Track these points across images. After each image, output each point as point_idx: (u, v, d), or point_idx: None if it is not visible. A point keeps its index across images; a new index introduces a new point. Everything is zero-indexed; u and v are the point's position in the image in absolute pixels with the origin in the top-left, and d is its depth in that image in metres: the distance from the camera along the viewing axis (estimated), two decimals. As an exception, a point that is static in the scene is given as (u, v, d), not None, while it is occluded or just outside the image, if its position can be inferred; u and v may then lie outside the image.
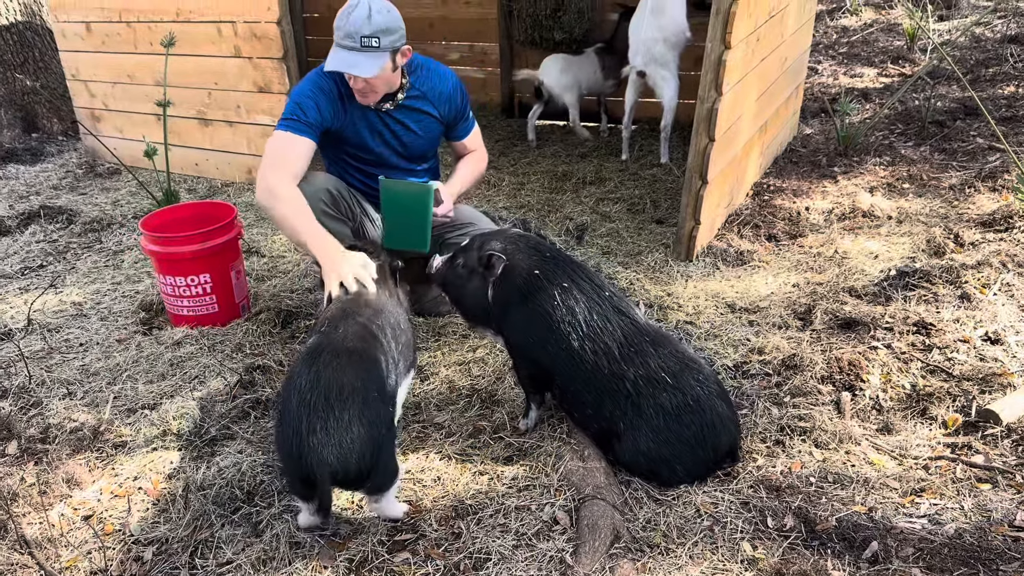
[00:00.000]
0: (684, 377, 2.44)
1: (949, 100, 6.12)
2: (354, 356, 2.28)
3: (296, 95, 3.04)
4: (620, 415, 2.44)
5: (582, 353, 2.45)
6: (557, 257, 2.61)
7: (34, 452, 2.77)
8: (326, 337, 2.36)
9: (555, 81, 5.78)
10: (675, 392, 2.41)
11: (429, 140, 3.28)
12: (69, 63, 6.16)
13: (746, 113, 4.16)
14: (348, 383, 2.18)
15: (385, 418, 2.23)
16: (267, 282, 4.03)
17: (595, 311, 2.49)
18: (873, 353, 3.01)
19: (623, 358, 2.45)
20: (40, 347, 3.49)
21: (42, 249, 4.63)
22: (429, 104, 3.20)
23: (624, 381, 2.44)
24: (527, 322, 2.56)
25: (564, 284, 2.52)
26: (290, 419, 2.15)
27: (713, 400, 2.43)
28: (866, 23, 8.90)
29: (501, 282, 2.59)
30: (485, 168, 3.49)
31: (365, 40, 2.83)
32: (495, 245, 2.61)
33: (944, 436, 2.61)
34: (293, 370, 2.33)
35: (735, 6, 3.50)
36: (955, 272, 3.48)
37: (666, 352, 2.48)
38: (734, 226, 4.29)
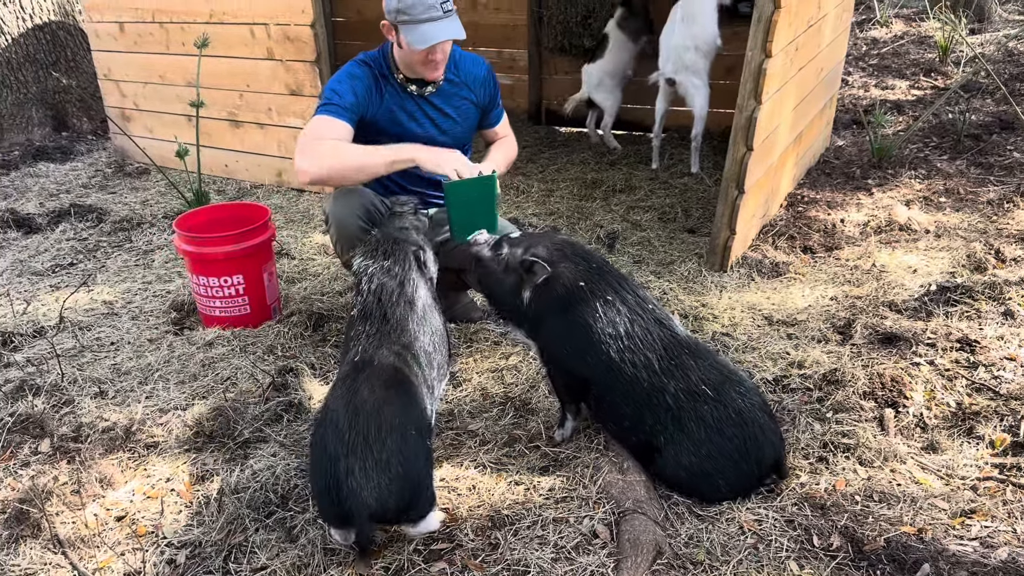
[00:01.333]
0: (725, 389, 2.39)
1: (984, 114, 6.04)
2: (392, 390, 2.25)
3: (331, 84, 3.03)
4: (660, 428, 2.39)
5: (621, 365, 2.41)
6: (603, 268, 2.57)
7: (67, 451, 2.76)
8: (363, 368, 2.31)
9: (596, 90, 5.84)
10: (716, 405, 2.36)
11: (468, 127, 3.26)
12: (101, 63, 6.19)
13: (783, 123, 4.11)
14: (386, 421, 2.14)
15: (423, 453, 2.21)
16: (298, 284, 4.01)
17: (636, 323, 2.44)
18: (916, 369, 2.95)
19: (663, 371, 2.40)
20: (72, 345, 3.49)
21: (72, 247, 4.64)
22: (467, 89, 3.19)
23: (664, 394, 2.39)
24: (567, 333, 2.52)
25: (608, 296, 2.47)
26: (327, 458, 2.11)
27: (755, 413, 2.38)
28: (896, 35, 8.81)
29: (542, 289, 2.54)
30: (515, 155, 3.43)
31: (446, 6, 2.87)
32: (540, 251, 2.56)
33: (992, 456, 2.55)
34: (329, 401, 2.29)
35: (777, 15, 3.46)
36: (998, 288, 3.41)
37: (706, 364, 2.44)
38: (769, 237, 4.23)
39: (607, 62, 5.77)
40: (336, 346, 3.38)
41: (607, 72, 5.78)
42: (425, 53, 2.90)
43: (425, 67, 2.99)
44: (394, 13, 2.88)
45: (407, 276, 2.61)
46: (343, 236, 3.08)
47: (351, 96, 2.97)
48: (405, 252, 2.65)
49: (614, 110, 5.91)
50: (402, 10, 2.85)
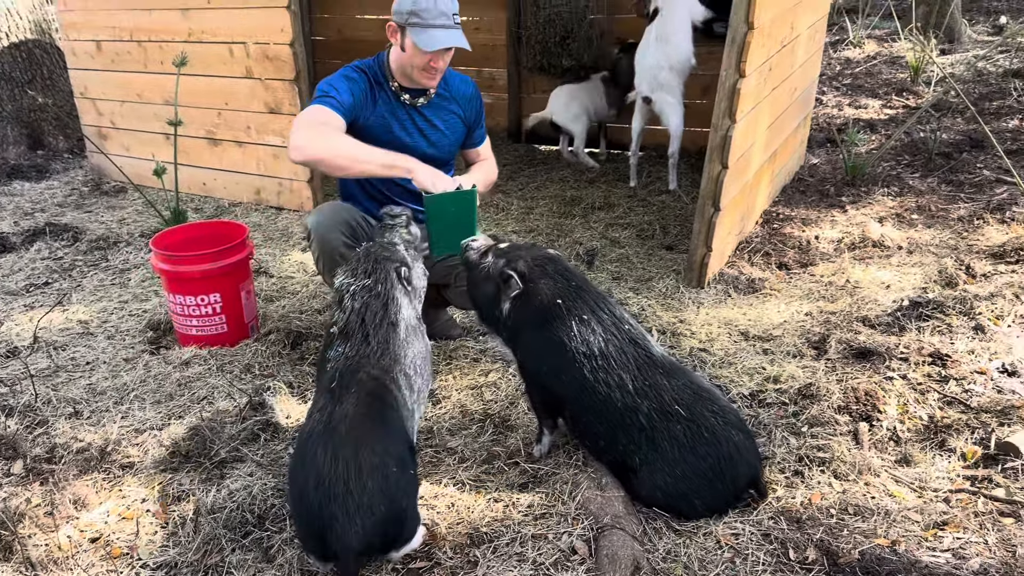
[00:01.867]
0: (698, 409, 2.39)
1: (954, 132, 6.15)
2: (370, 425, 2.19)
3: (326, 83, 3.03)
4: (635, 449, 2.40)
5: (595, 384, 2.42)
6: (582, 287, 2.58)
7: (40, 472, 2.72)
8: (340, 398, 2.25)
9: (562, 113, 5.90)
10: (689, 424, 2.37)
11: (454, 141, 3.30)
12: (78, 81, 6.17)
13: (758, 141, 4.17)
14: (367, 462, 2.09)
15: (406, 487, 2.17)
16: (276, 302, 4.00)
17: (611, 343, 2.45)
18: (889, 383, 2.99)
19: (636, 391, 2.41)
20: (46, 365, 3.46)
21: (47, 266, 4.60)
22: (456, 104, 3.25)
23: (638, 414, 2.39)
24: (542, 349, 2.53)
25: (584, 315, 2.48)
26: (309, 502, 2.08)
27: (730, 431, 2.39)
28: (869, 55, 8.98)
29: (520, 303, 2.56)
30: (495, 178, 3.48)
31: (456, 17, 2.95)
32: (520, 265, 2.57)
33: (963, 468, 2.58)
34: (307, 440, 2.20)
35: (750, 35, 3.52)
36: (968, 303, 3.47)
37: (680, 384, 2.44)
38: (745, 253, 4.28)
39: (578, 90, 5.89)
40: (314, 364, 3.37)
41: (575, 97, 5.87)
42: (428, 58, 2.95)
43: (423, 73, 3.02)
44: (406, 15, 2.92)
45: (390, 296, 2.54)
46: (325, 252, 3.08)
47: (348, 96, 2.99)
48: (387, 271, 2.56)
49: (583, 133, 5.98)
50: (416, 12, 2.90)
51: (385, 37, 3.08)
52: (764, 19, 3.63)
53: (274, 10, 4.82)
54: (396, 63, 3.09)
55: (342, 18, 7.69)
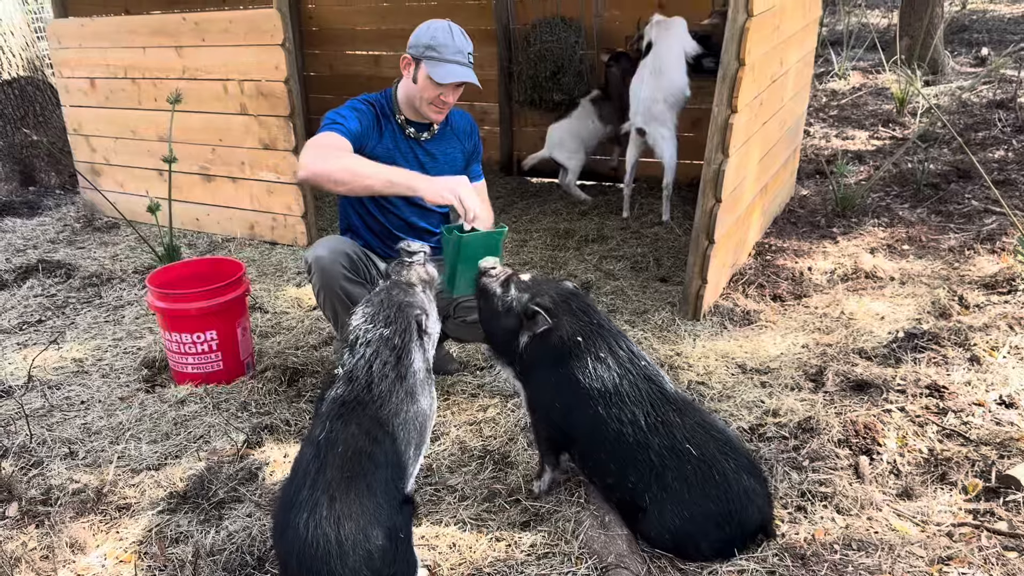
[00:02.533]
0: (709, 449, 2.36)
1: (941, 163, 6.23)
2: (353, 496, 2.06)
3: (334, 112, 3.08)
4: (644, 487, 2.37)
5: (608, 421, 2.40)
6: (603, 324, 2.55)
7: (35, 515, 2.69)
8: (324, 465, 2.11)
9: (558, 150, 6.00)
10: (700, 464, 2.33)
11: (453, 174, 3.22)
12: (71, 118, 6.19)
13: (749, 174, 4.21)
14: (350, 538, 2.00)
15: (394, 557, 2.06)
16: (271, 338, 3.99)
17: (626, 380, 2.43)
18: (888, 416, 3.00)
19: (648, 427, 2.38)
20: (40, 404, 3.42)
21: (40, 304, 4.58)
22: (455, 137, 3.33)
23: (648, 451, 2.36)
24: (557, 386, 2.50)
25: (601, 353, 2.47)
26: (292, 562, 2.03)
27: (740, 474, 2.35)
28: (854, 87, 9.10)
29: (539, 338, 2.53)
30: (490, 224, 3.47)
31: (470, 56, 3.05)
32: (545, 301, 2.54)
33: (965, 502, 2.58)
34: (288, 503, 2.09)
35: (741, 72, 3.57)
36: (963, 334, 3.49)
37: (693, 422, 2.41)
38: (739, 285, 4.31)
39: (571, 124, 5.96)
40: (311, 401, 3.35)
41: (569, 133, 5.94)
42: (439, 91, 3.03)
43: (431, 107, 3.09)
44: (423, 48, 3.01)
45: (406, 349, 2.38)
46: (326, 285, 3.08)
47: (355, 124, 3.04)
48: (408, 320, 2.42)
49: (577, 169, 6.07)
50: (433, 47, 2.99)
51: (377, 72, 3.17)
52: (755, 56, 3.69)
53: (269, 48, 4.86)
54: (405, 96, 3.16)
55: (334, 54, 7.76)
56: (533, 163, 6.23)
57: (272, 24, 4.79)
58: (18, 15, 6.94)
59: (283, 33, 4.79)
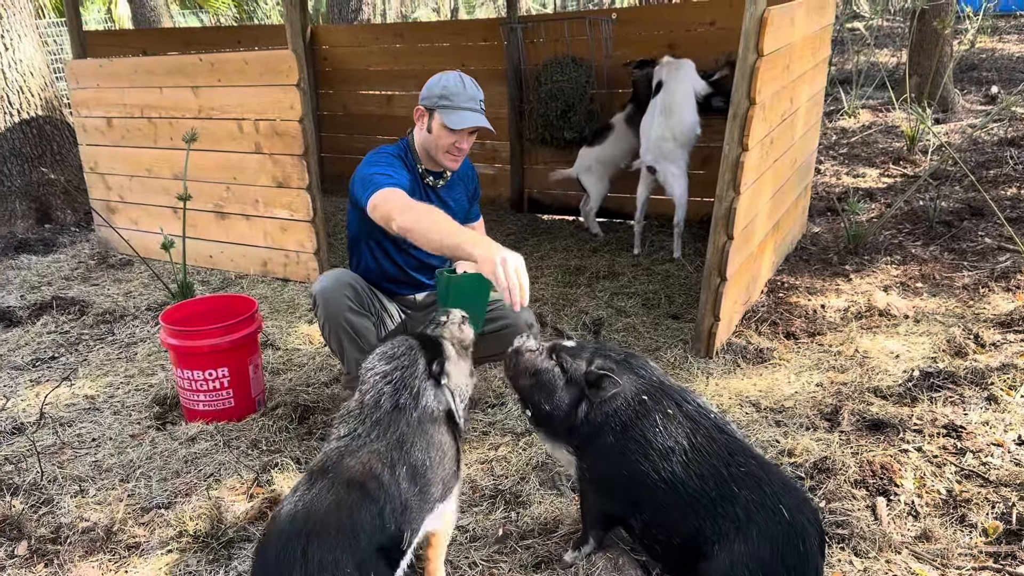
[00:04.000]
0: (794, 509, 2.18)
1: (953, 200, 6.22)
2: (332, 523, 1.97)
3: (378, 168, 3.02)
4: (716, 538, 2.19)
5: (685, 479, 2.25)
6: (663, 381, 2.44)
7: (44, 553, 2.68)
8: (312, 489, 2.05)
9: (585, 174, 6.03)
10: (789, 529, 2.15)
11: (461, 218, 3.36)
12: (88, 156, 6.27)
13: (761, 212, 4.22)
14: (318, 562, 1.89)
15: None
16: (283, 375, 3.99)
17: (700, 432, 2.30)
18: (904, 456, 2.96)
19: (732, 478, 2.22)
20: (52, 441, 3.42)
21: (54, 340, 4.60)
22: (460, 182, 3.44)
23: (735, 506, 2.19)
24: (623, 452, 2.34)
25: (669, 411, 2.34)
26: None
27: (816, 550, 2.18)
28: (864, 124, 9.14)
29: (601, 404, 2.39)
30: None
31: (482, 104, 3.14)
32: (608, 364, 2.40)
33: (985, 544, 2.53)
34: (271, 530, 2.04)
35: (752, 110, 3.59)
36: (980, 373, 3.46)
37: (780, 481, 2.25)
38: (752, 323, 4.29)
39: (604, 149, 5.94)
40: (322, 439, 3.34)
41: (600, 159, 5.94)
42: (454, 139, 3.10)
43: (447, 155, 3.16)
44: (436, 98, 3.09)
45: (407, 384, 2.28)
46: (330, 317, 3.12)
47: (404, 179, 3.02)
48: (415, 359, 2.33)
49: (599, 197, 6.04)
50: (446, 96, 3.07)
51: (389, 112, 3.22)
52: (765, 94, 3.71)
53: (284, 88, 4.93)
54: (421, 146, 3.23)
55: (347, 94, 7.86)
56: (558, 179, 6.28)
57: (287, 65, 4.86)
58: (38, 56, 7.07)
59: (298, 73, 4.86)
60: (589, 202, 6.14)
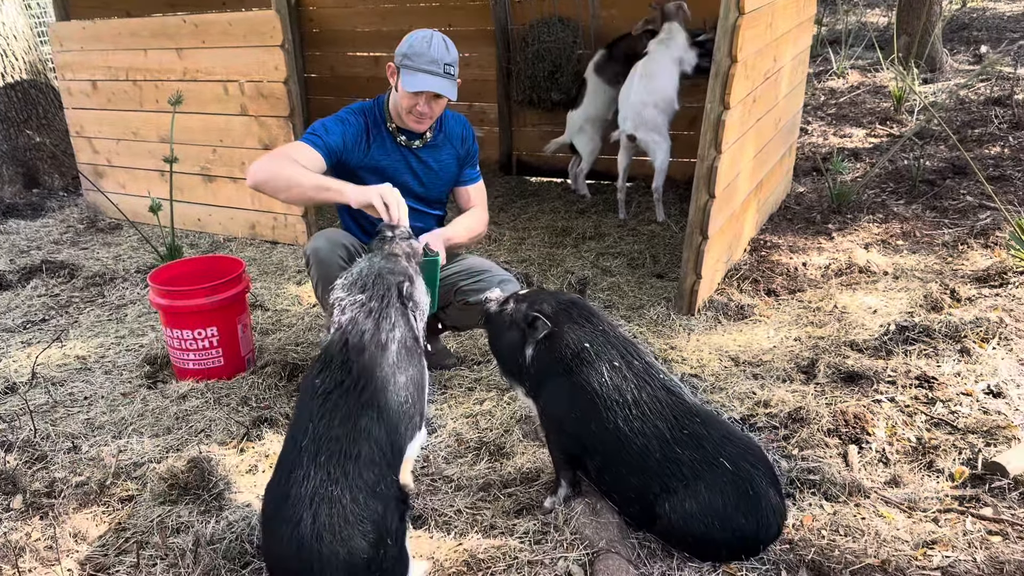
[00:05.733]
0: (741, 463, 2.31)
1: (937, 160, 6.27)
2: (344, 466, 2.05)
3: (322, 121, 3.13)
4: (666, 496, 2.33)
5: (630, 435, 2.36)
6: (608, 331, 2.52)
7: (40, 507, 2.74)
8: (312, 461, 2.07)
9: (578, 136, 5.97)
10: (735, 479, 2.29)
11: (447, 180, 3.36)
12: (74, 120, 6.25)
13: (743, 171, 4.26)
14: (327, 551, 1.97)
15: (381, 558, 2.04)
16: (272, 335, 4.05)
17: (645, 391, 2.40)
18: (877, 406, 3.05)
19: (675, 440, 2.34)
20: (44, 401, 3.48)
21: (44, 303, 4.64)
22: (449, 144, 3.33)
23: (680, 466, 2.32)
24: (570, 395, 2.45)
25: (615, 363, 2.43)
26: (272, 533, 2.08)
27: (769, 491, 2.31)
28: (852, 85, 9.14)
29: (545, 348, 2.50)
30: (485, 229, 3.47)
31: (448, 67, 3.00)
32: (545, 308, 2.53)
33: (952, 489, 2.62)
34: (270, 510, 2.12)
35: (733, 68, 3.61)
36: (954, 327, 3.53)
37: (720, 435, 2.36)
38: (734, 280, 4.35)
39: (586, 108, 5.88)
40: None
41: (586, 119, 5.90)
42: (412, 100, 3.03)
43: (409, 116, 3.10)
44: (401, 56, 3.03)
45: (384, 314, 2.30)
46: (323, 276, 3.12)
47: (336, 138, 3.08)
48: (388, 285, 2.36)
49: (591, 157, 6.02)
50: (408, 55, 3.00)
51: (376, 74, 3.18)
52: (747, 52, 3.73)
53: (268, 49, 4.92)
54: (392, 103, 3.19)
55: (334, 55, 7.81)
56: (555, 148, 6.21)
57: (271, 26, 4.85)
58: (21, 19, 7.01)
59: (282, 34, 4.85)
60: (579, 164, 6.15)
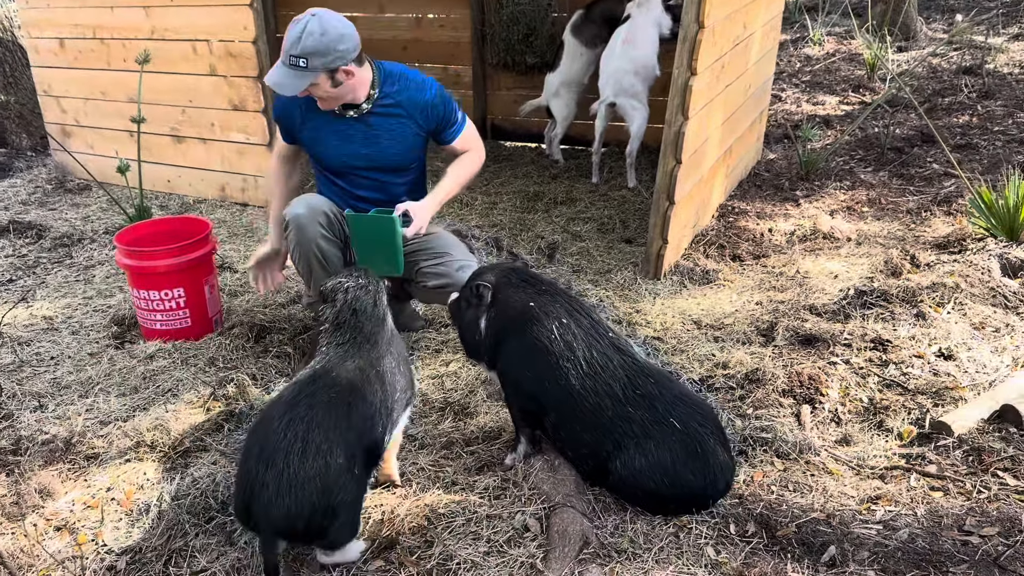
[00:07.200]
0: (689, 421, 2.41)
1: (907, 128, 6.33)
2: (333, 412, 2.21)
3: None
4: (618, 453, 2.42)
5: (583, 393, 2.44)
6: (550, 290, 2.61)
7: (5, 463, 2.77)
8: (314, 380, 2.29)
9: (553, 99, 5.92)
10: (684, 437, 2.39)
11: (406, 148, 3.23)
12: (41, 79, 6.15)
13: (712, 137, 4.29)
14: (315, 442, 2.11)
15: (347, 483, 2.15)
16: (240, 297, 4.06)
17: (595, 348, 2.48)
18: (832, 368, 3.13)
19: (627, 400, 2.43)
20: (10, 360, 3.49)
21: (11, 263, 4.61)
22: (403, 112, 3.16)
23: (631, 423, 2.41)
24: (522, 355, 2.54)
25: (563, 320, 2.51)
26: (248, 466, 2.13)
27: (718, 449, 2.42)
28: (828, 53, 9.17)
29: (495, 315, 2.60)
30: (478, 167, 3.39)
31: (292, 59, 2.86)
32: (486, 277, 2.65)
33: (899, 447, 2.72)
34: (271, 408, 2.26)
35: (701, 34, 3.63)
36: (911, 292, 3.61)
37: (671, 395, 2.46)
38: (700, 246, 4.41)
39: (562, 70, 5.82)
40: (277, 356, 3.44)
41: (563, 82, 5.85)
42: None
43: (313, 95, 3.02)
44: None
45: (379, 296, 2.57)
46: (302, 241, 3.16)
47: (283, 132, 3.28)
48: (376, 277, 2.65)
49: (566, 122, 5.97)
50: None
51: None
52: (715, 18, 3.75)
53: (237, 8, 4.86)
54: None
55: (308, 15, 7.69)
56: (530, 109, 6.16)
57: (240, -16, 4.79)
58: (-15, -26, 6.86)
59: (251, -7, 4.79)
60: (555, 128, 6.14)
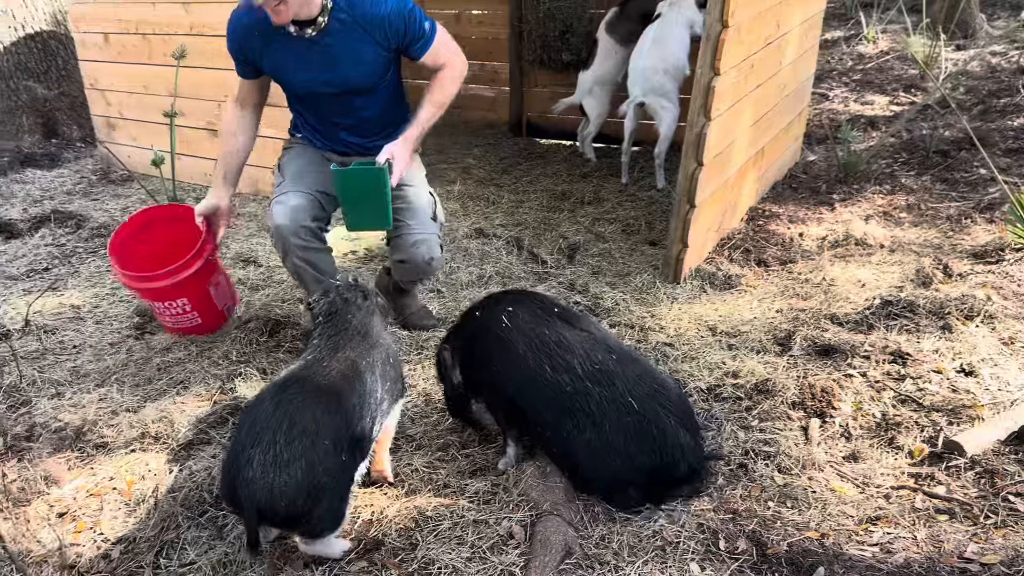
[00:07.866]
0: (647, 403, 2.41)
1: (956, 130, 6.10)
2: (322, 396, 2.24)
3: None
4: (578, 434, 2.43)
5: (541, 373, 2.46)
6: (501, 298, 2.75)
7: (19, 449, 2.85)
8: (306, 367, 2.35)
9: (587, 98, 5.84)
10: (640, 419, 2.39)
11: (371, 70, 3.08)
12: (88, 72, 6.33)
13: (739, 139, 4.19)
14: (301, 423, 2.13)
15: (333, 468, 2.16)
16: (260, 291, 4.11)
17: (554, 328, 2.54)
18: (847, 381, 3.03)
19: (586, 375, 2.44)
20: (35, 348, 3.59)
21: (49, 252, 4.75)
22: (360, 29, 2.98)
23: (588, 400, 2.42)
24: (482, 356, 2.64)
25: (508, 308, 2.57)
26: (235, 445, 2.16)
27: (678, 430, 2.40)
28: (882, 51, 8.89)
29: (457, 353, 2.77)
30: (458, 83, 3.20)
31: None
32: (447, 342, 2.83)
33: (909, 466, 2.61)
34: (262, 393, 2.31)
35: (724, 34, 3.54)
36: (939, 303, 3.47)
37: (630, 370, 2.47)
38: (725, 250, 4.31)
39: (596, 68, 5.74)
40: (289, 351, 3.47)
41: (596, 80, 5.77)
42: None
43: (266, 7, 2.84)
44: None
45: (368, 290, 2.72)
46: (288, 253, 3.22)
47: (239, 67, 3.30)
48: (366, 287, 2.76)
49: (599, 120, 5.90)
50: None
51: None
52: (741, 17, 3.65)
53: (271, 4, 4.91)
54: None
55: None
56: (563, 107, 6.08)
57: (274, -19, 4.83)
58: (42, -31, 7.07)
59: (284, -10, 4.82)
60: (588, 126, 6.08)
